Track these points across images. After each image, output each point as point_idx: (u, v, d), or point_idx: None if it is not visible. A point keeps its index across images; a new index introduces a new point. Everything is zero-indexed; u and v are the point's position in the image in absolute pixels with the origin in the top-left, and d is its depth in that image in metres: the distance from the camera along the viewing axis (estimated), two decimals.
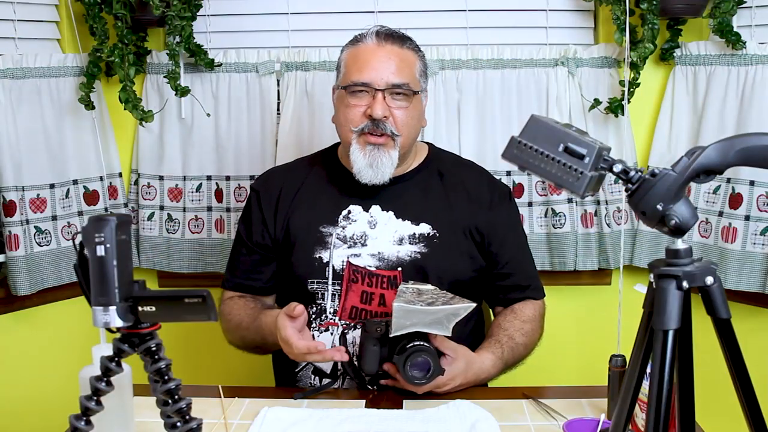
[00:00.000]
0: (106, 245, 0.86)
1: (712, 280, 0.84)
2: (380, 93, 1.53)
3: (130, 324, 0.88)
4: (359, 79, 1.54)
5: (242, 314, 1.61)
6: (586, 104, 2.10)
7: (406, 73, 1.56)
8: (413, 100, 1.57)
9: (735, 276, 1.98)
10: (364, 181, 1.57)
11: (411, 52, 1.60)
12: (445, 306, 1.33)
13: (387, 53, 1.56)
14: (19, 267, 1.99)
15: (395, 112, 1.55)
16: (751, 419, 0.86)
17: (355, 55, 1.58)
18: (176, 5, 1.97)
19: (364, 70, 1.54)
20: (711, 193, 2.06)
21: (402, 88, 1.55)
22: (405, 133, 1.57)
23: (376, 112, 1.53)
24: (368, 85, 1.54)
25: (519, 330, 1.59)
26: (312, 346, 1.40)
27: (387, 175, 1.57)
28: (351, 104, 1.56)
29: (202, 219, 2.21)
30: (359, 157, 1.56)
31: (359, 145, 1.56)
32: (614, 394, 1.27)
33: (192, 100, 2.14)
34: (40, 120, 2.05)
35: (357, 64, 1.56)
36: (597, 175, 0.86)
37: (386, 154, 1.55)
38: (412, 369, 1.36)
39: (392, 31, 1.60)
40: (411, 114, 1.58)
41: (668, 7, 1.98)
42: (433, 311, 1.32)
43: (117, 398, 1.06)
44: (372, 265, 1.57)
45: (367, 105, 1.54)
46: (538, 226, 2.16)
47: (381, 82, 1.54)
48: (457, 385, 1.44)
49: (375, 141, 1.55)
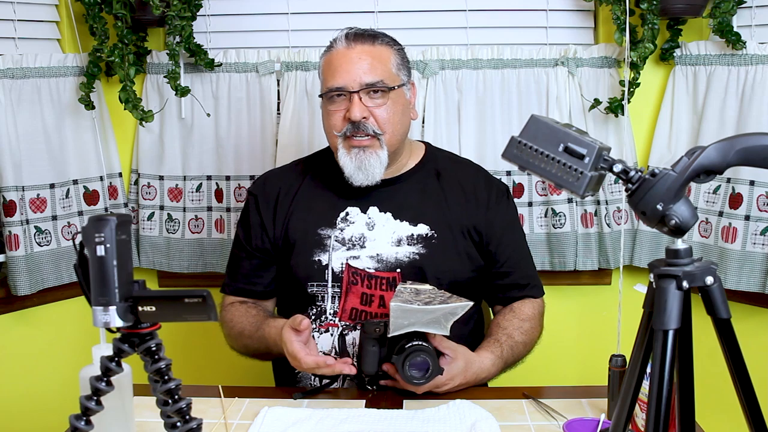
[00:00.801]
0: (106, 245, 0.86)
1: (712, 280, 0.84)
2: (355, 95, 1.53)
3: (130, 324, 0.88)
4: (333, 84, 1.54)
5: (244, 323, 1.61)
6: (586, 104, 2.10)
7: (380, 70, 1.55)
8: (392, 96, 1.56)
9: (735, 276, 1.98)
10: (356, 184, 1.57)
11: (384, 47, 1.58)
12: (443, 305, 1.33)
13: (357, 54, 1.55)
14: (19, 267, 1.99)
15: (375, 111, 1.55)
16: (751, 419, 0.86)
17: (329, 62, 1.58)
18: (176, 5, 1.97)
19: (337, 75, 1.54)
20: (711, 193, 2.06)
21: (377, 86, 1.54)
22: (389, 131, 1.56)
23: (353, 114, 1.52)
24: (343, 89, 1.54)
25: (518, 329, 1.59)
26: (321, 361, 1.40)
27: (377, 175, 1.56)
28: (331, 110, 1.56)
29: (202, 219, 2.21)
30: (347, 161, 1.56)
31: (345, 149, 1.56)
32: (614, 394, 1.27)
33: (192, 100, 2.14)
34: (40, 120, 2.05)
35: (330, 69, 1.56)
36: (597, 175, 0.86)
37: (373, 154, 1.55)
38: (411, 369, 1.35)
39: (363, 31, 1.59)
40: (392, 110, 1.56)
41: (668, 7, 1.98)
42: (431, 310, 1.32)
43: (117, 398, 1.06)
44: (371, 267, 1.57)
45: (346, 108, 1.54)
46: (538, 226, 2.16)
47: (354, 84, 1.53)
48: (456, 385, 1.44)
49: (359, 143, 1.55)
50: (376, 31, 1.61)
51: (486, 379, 1.53)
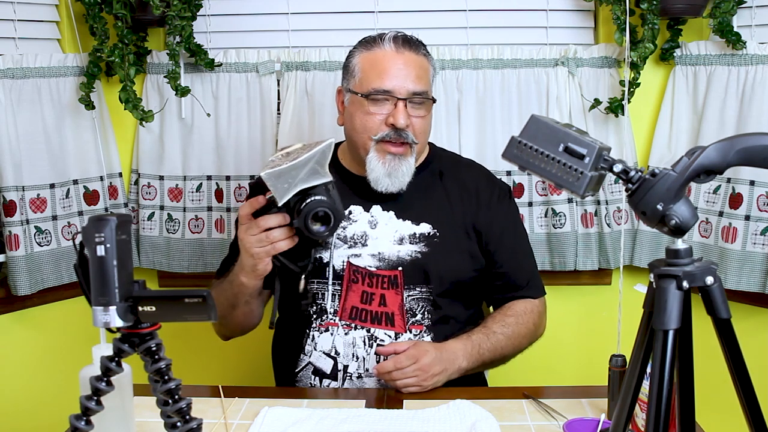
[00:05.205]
0: (106, 245, 0.86)
1: (712, 280, 0.85)
2: (402, 102, 1.53)
3: (130, 324, 0.88)
4: (381, 86, 1.53)
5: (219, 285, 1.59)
6: (586, 104, 2.10)
7: (425, 80, 1.56)
8: (430, 108, 1.59)
9: (735, 276, 1.98)
10: (380, 189, 1.56)
11: (425, 59, 1.60)
12: (309, 153, 1.32)
13: (406, 60, 1.55)
14: (19, 267, 1.99)
15: (414, 121, 1.55)
16: (751, 419, 0.86)
17: (373, 61, 1.56)
18: (176, 5, 1.97)
19: (385, 78, 1.53)
20: (711, 193, 2.06)
21: (422, 96, 1.55)
22: (422, 140, 1.59)
23: (399, 121, 1.52)
24: (390, 93, 1.53)
25: (498, 322, 1.58)
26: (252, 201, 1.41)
27: (405, 183, 1.57)
28: (371, 112, 1.55)
29: (202, 219, 2.21)
30: (377, 166, 1.55)
31: (378, 153, 1.55)
32: (614, 394, 1.27)
33: (192, 100, 2.14)
34: (40, 120, 2.05)
35: (376, 70, 1.54)
36: (597, 175, 0.86)
37: (405, 162, 1.56)
38: (314, 224, 1.35)
39: (409, 37, 1.59)
40: (428, 121, 1.59)
41: (668, 7, 1.98)
42: (301, 163, 1.31)
43: (117, 398, 1.06)
44: (372, 266, 1.57)
45: (388, 113, 1.54)
46: (538, 226, 2.16)
47: (403, 91, 1.53)
48: (438, 373, 1.44)
49: (395, 151, 1.54)
50: (419, 40, 1.61)
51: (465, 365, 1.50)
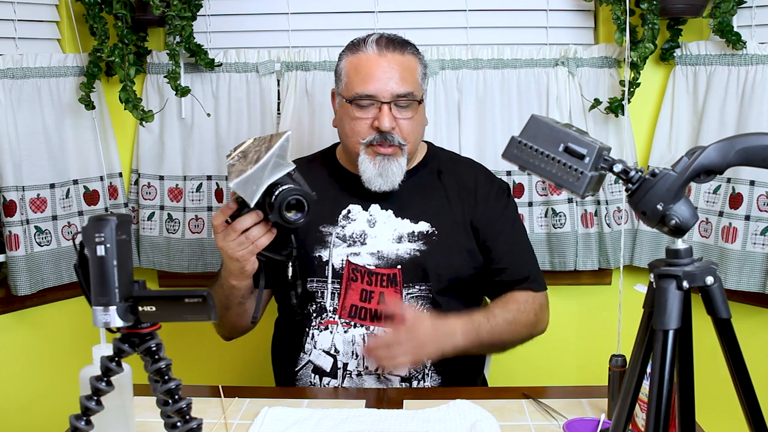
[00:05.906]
0: (106, 245, 0.86)
1: (712, 280, 0.85)
2: (386, 105, 1.53)
3: (130, 324, 0.88)
4: (364, 91, 1.53)
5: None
6: (586, 104, 2.10)
7: (410, 81, 1.56)
8: (418, 108, 1.58)
9: (735, 276, 1.98)
10: (374, 189, 1.57)
11: (412, 58, 1.59)
12: (270, 152, 1.31)
13: (389, 63, 1.55)
14: (19, 267, 1.99)
15: (401, 123, 1.55)
16: (751, 419, 0.86)
17: (357, 65, 1.56)
18: (176, 5, 1.97)
19: (368, 82, 1.53)
20: (711, 193, 2.06)
21: (407, 98, 1.55)
22: (412, 141, 1.59)
23: (383, 125, 1.52)
24: (373, 97, 1.53)
25: (500, 307, 1.58)
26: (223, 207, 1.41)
27: (397, 182, 1.58)
28: (357, 117, 1.55)
29: (202, 219, 2.21)
30: (369, 167, 1.56)
31: (368, 155, 1.56)
32: (614, 394, 1.27)
33: (192, 100, 2.14)
34: (41, 120, 2.05)
35: (360, 75, 1.55)
36: (597, 175, 0.86)
37: (396, 162, 1.56)
38: (289, 213, 1.34)
39: (393, 38, 1.59)
40: (416, 121, 1.59)
41: (668, 7, 1.98)
42: (263, 163, 1.30)
43: (117, 398, 1.07)
44: (371, 264, 1.57)
45: (374, 117, 1.54)
46: (538, 226, 2.16)
47: (386, 94, 1.53)
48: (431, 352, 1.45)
49: (384, 152, 1.55)
50: (404, 39, 1.60)
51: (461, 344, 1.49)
